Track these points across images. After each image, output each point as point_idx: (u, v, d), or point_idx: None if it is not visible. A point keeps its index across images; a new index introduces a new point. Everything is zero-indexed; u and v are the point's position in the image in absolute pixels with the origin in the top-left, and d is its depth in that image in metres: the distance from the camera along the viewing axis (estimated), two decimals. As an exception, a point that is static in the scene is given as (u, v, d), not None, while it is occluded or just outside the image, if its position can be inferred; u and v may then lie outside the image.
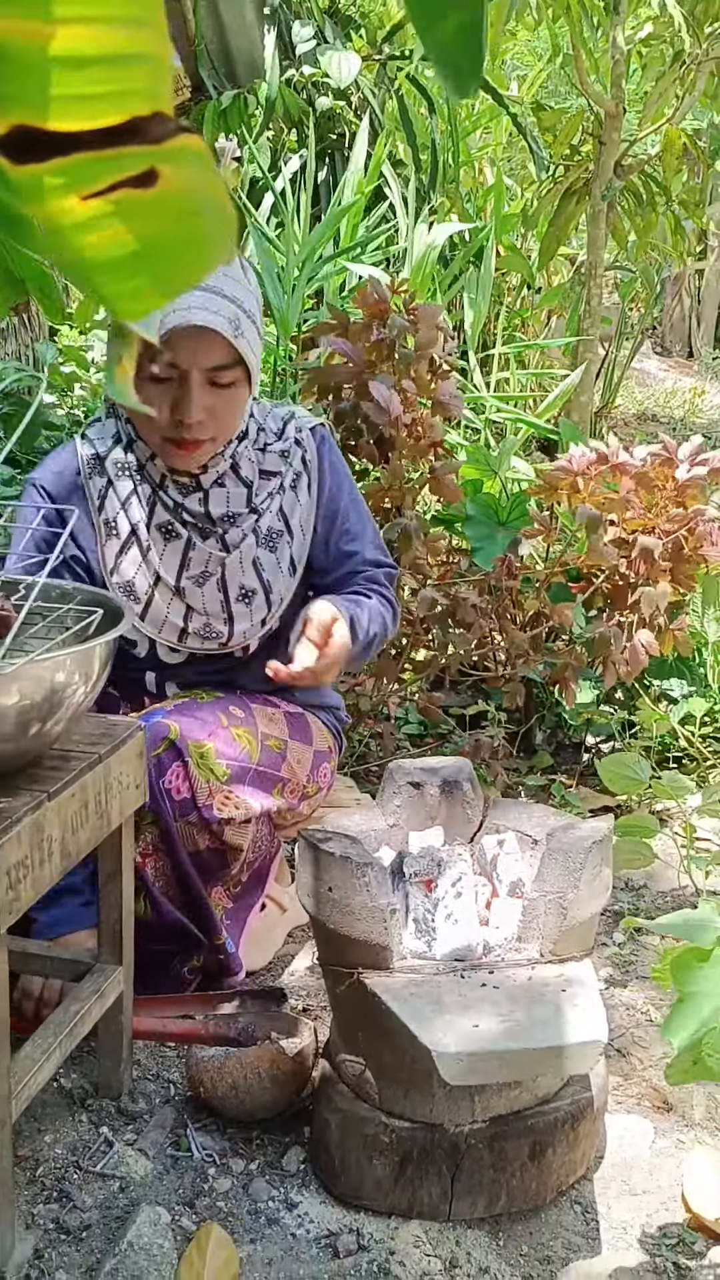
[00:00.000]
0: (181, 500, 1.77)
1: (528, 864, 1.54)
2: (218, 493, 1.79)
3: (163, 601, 1.79)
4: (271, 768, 1.78)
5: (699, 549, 2.42)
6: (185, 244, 0.51)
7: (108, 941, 1.53)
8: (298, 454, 1.85)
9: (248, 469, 1.81)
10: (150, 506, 1.78)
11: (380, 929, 1.38)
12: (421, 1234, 1.39)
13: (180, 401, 1.65)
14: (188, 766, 1.66)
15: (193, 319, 1.59)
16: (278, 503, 1.83)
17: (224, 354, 1.64)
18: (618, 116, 4.56)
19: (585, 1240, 1.41)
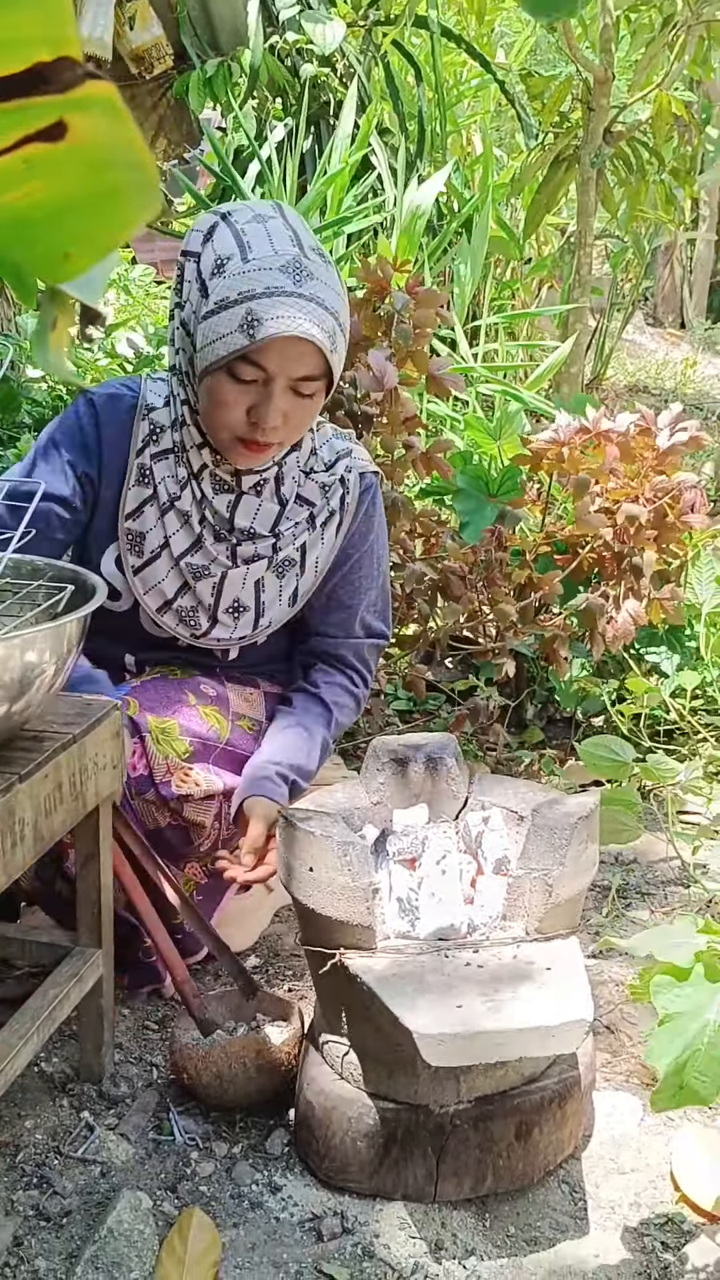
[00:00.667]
0: (211, 498, 1.71)
1: (513, 840, 1.52)
2: (249, 502, 1.71)
3: (162, 567, 1.73)
4: (244, 748, 1.75)
5: (682, 517, 2.39)
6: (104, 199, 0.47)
7: (86, 925, 1.51)
8: (338, 493, 1.78)
9: (289, 487, 1.74)
10: (181, 487, 1.71)
11: (363, 909, 1.35)
12: (406, 1216, 1.37)
13: (261, 405, 1.57)
14: (145, 743, 1.63)
15: (294, 329, 1.50)
16: (303, 538, 1.76)
17: (314, 365, 1.57)
18: (607, 82, 4.49)
19: (573, 1220, 1.39)
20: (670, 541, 2.42)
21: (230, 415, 1.59)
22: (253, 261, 1.52)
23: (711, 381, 7.17)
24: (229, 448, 1.64)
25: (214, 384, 1.58)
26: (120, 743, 1.48)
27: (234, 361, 1.55)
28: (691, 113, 4.81)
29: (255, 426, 1.59)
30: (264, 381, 1.56)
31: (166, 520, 1.71)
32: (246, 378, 1.56)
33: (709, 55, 4.89)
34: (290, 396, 1.58)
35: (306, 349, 1.54)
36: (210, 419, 1.63)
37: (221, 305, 1.53)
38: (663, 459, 2.38)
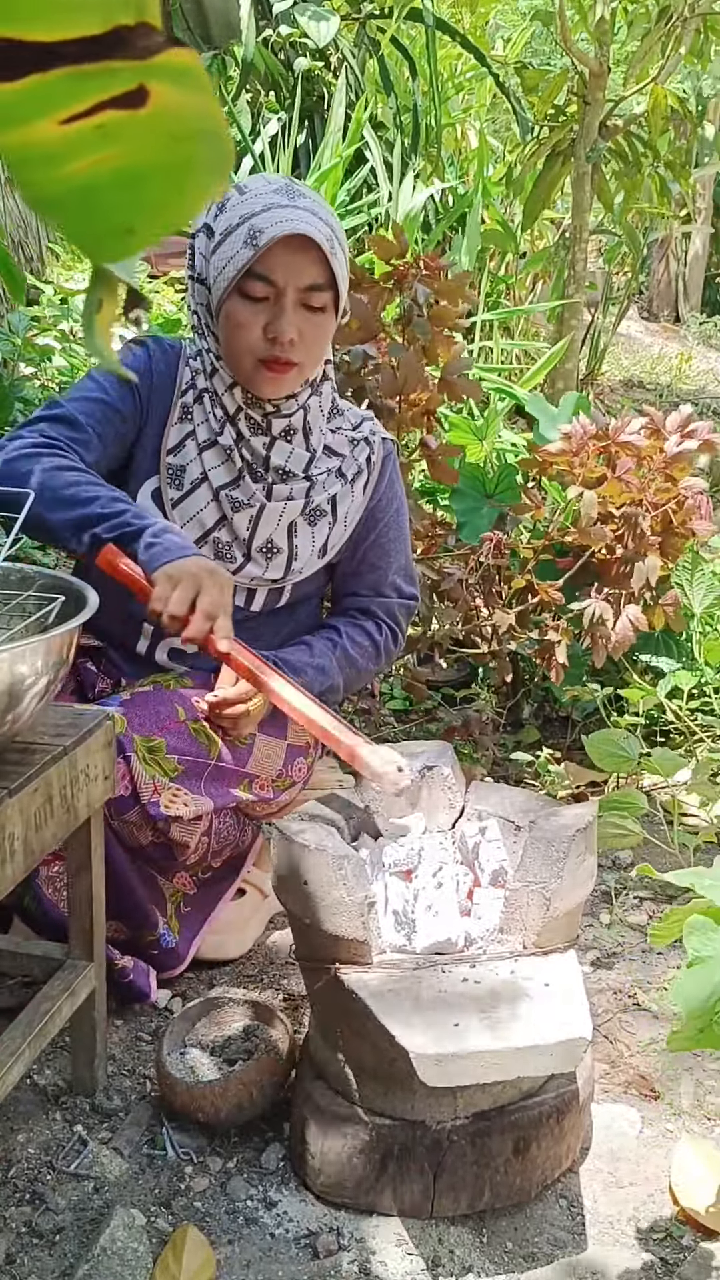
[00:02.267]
0: (249, 437, 1.77)
1: (510, 851, 1.50)
2: (282, 445, 1.79)
3: (202, 498, 1.78)
4: (235, 763, 1.73)
5: (686, 522, 2.37)
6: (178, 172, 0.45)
7: (79, 937, 1.49)
8: (364, 451, 1.87)
9: (316, 437, 1.82)
10: (221, 426, 1.77)
11: (358, 924, 1.33)
12: (403, 1232, 1.36)
13: (275, 319, 1.66)
14: (130, 762, 1.61)
15: (294, 228, 1.60)
16: (334, 489, 1.83)
17: (319, 272, 1.65)
18: (602, 76, 4.47)
19: (571, 1236, 1.38)
20: (674, 548, 2.40)
21: (249, 336, 1.67)
22: (249, 192, 1.66)
23: (707, 376, 7.15)
24: (253, 375, 1.71)
25: (230, 309, 1.68)
26: (112, 753, 1.46)
27: (244, 280, 1.64)
28: (687, 106, 4.79)
29: (274, 343, 1.66)
30: (275, 298, 1.65)
31: (206, 456, 1.78)
32: (258, 294, 1.65)
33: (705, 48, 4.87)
34: (302, 312, 1.66)
35: (308, 256, 1.63)
36: (231, 347, 1.71)
37: (226, 233, 1.65)
38: (670, 464, 2.36)
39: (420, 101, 4.97)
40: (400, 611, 1.94)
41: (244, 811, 1.81)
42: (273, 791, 1.81)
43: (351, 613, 1.92)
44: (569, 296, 4.68)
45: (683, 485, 2.36)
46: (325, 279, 1.66)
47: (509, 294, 5.44)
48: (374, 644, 1.91)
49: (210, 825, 1.73)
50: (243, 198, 1.65)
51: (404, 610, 1.95)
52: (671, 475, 2.36)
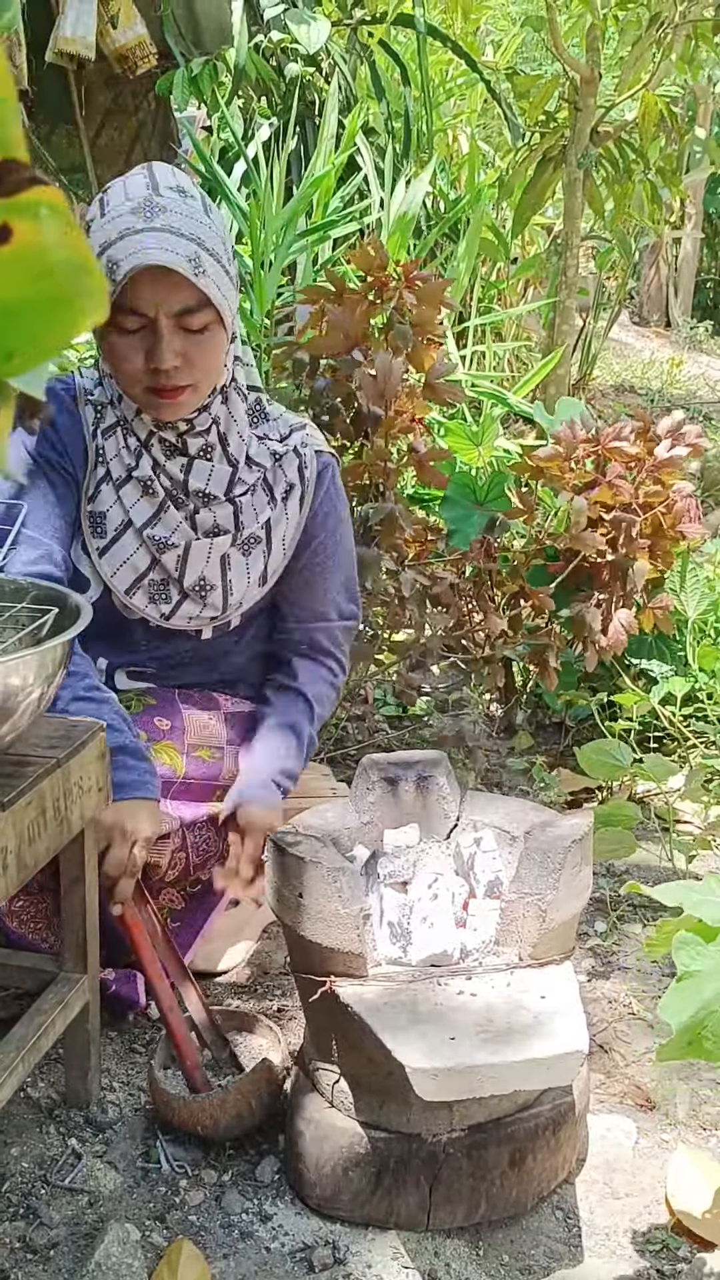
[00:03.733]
0: (164, 463, 1.70)
1: (506, 862, 1.50)
2: (201, 466, 1.70)
3: (129, 544, 1.70)
4: (205, 777, 1.73)
5: (676, 526, 2.37)
6: (46, 306, 0.46)
7: (72, 950, 1.48)
8: (294, 463, 1.77)
9: (235, 445, 1.72)
10: (136, 458, 1.70)
11: (353, 937, 1.33)
12: (400, 1245, 1.35)
13: (153, 349, 1.57)
14: None
15: (146, 259, 1.50)
16: (265, 514, 1.75)
17: (188, 295, 1.55)
18: (593, 82, 4.47)
19: (567, 1248, 1.37)
20: (664, 550, 2.40)
21: (131, 368, 1.59)
22: (108, 214, 1.55)
23: (698, 381, 7.17)
24: (146, 402, 1.64)
25: (109, 345, 1.60)
26: (105, 765, 1.45)
27: (114, 315, 1.55)
28: (676, 113, 4.79)
29: (156, 372, 1.59)
30: (150, 325, 1.57)
31: (124, 493, 1.70)
32: (130, 326, 1.57)
33: (696, 54, 4.88)
34: (181, 335, 1.58)
35: (172, 280, 1.53)
36: (119, 379, 1.64)
37: None
38: (660, 468, 2.36)
39: (412, 107, 4.97)
40: (343, 635, 1.90)
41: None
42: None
43: (298, 651, 1.86)
44: (560, 302, 4.68)
45: (672, 489, 2.36)
46: (197, 300, 1.56)
47: (501, 299, 5.44)
48: (333, 690, 1.90)
49: (185, 841, 1.73)
50: (103, 220, 1.55)
51: (346, 633, 1.90)
52: (661, 479, 2.36)
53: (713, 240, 9.88)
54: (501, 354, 4.74)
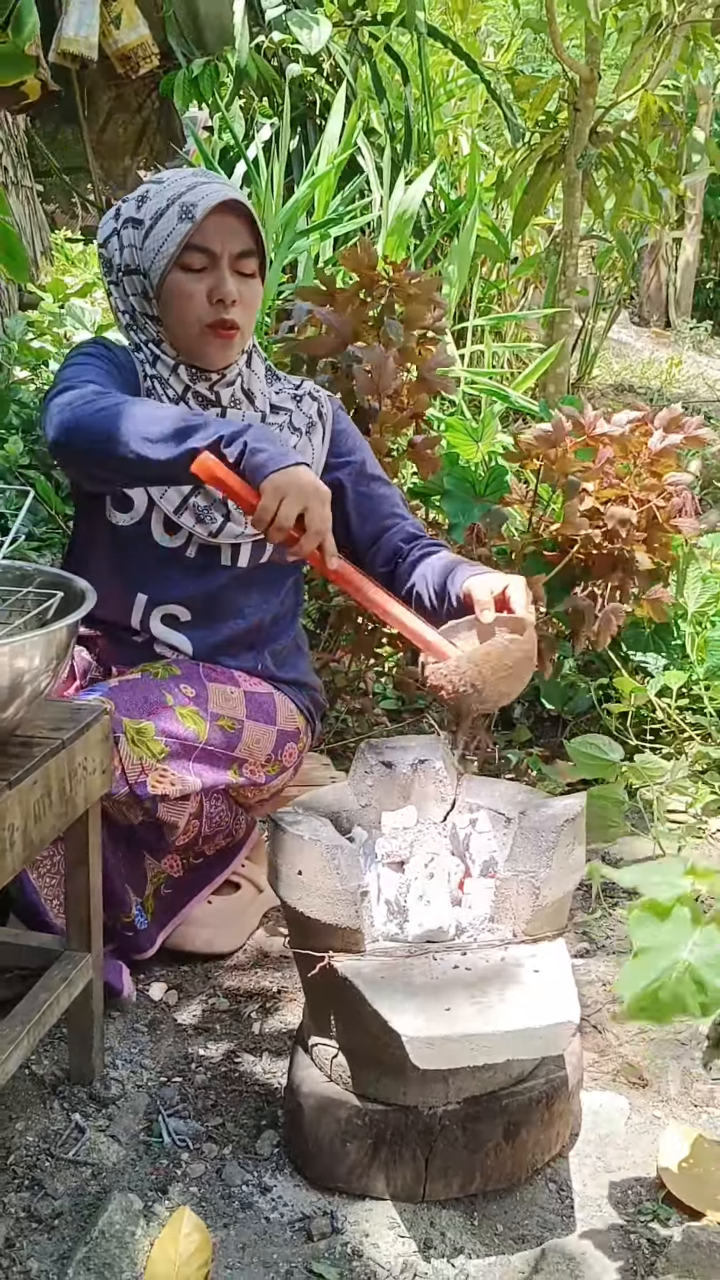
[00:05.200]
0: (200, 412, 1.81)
1: (500, 842, 1.53)
2: (234, 414, 1.86)
3: None
4: (224, 747, 1.76)
5: (672, 519, 2.40)
6: None
7: (76, 929, 1.51)
8: (312, 406, 1.94)
9: (260, 400, 1.89)
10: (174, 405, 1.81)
11: (351, 913, 1.36)
12: (396, 1216, 1.39)
13: (219, 284, 1.76)
14: (118, 744, 1.64)
15: (224, 195, 1.74)
16: (291, 442, 1.89)
17: (248, 238, 1.78)
18: (593, 82, 4.51)
19: (560, 1218, 1.40)
20: (659, 543, 2.43)
21: (195, 304, 1.77)
22: (166, 181, 1.79)
23: (697, 381, 7.20)
24: (200, 343, 1.80)
25: (172, 283, 1.77)
26: (109, 746, 1.49)
27: (183, 254, 1.75)
28: (677, 112, 4.83)
29: (220, 304, 1.77)
30: (212, 266, 1.77)
31: None
32: (197, 265, 1.76)
33: (695, 54, 4.91)
34: (237, 278, 1.78)
35: (238, 223, 1.77)
36: (179, 318, 1.79)
37: (156, 216, 1.76)
38: (656, 459, 2.38)
39: (412, 108, 5.00)
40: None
41: (235, 798, 1.84)
42: (264, 775, 1.84)
43: (409, 543, 1.92)
44: (560, 301, 4.71)
45: (667, 480, 2.39)
46: (253, 244, 1.79)
47: (500, 299, 5.48)
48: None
49: (201, 808, 1.77)
50: (163, 186, 1.78)
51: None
52: (656, 471, 2.39)
53: (712, 241, 9.91)
54: (501, 353, 4.77)
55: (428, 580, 1.80)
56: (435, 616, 1.75)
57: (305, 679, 2.02)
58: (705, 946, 1.14)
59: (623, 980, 1.18)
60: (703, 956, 1.14)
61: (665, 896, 1.15)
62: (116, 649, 1.88)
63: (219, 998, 1.80)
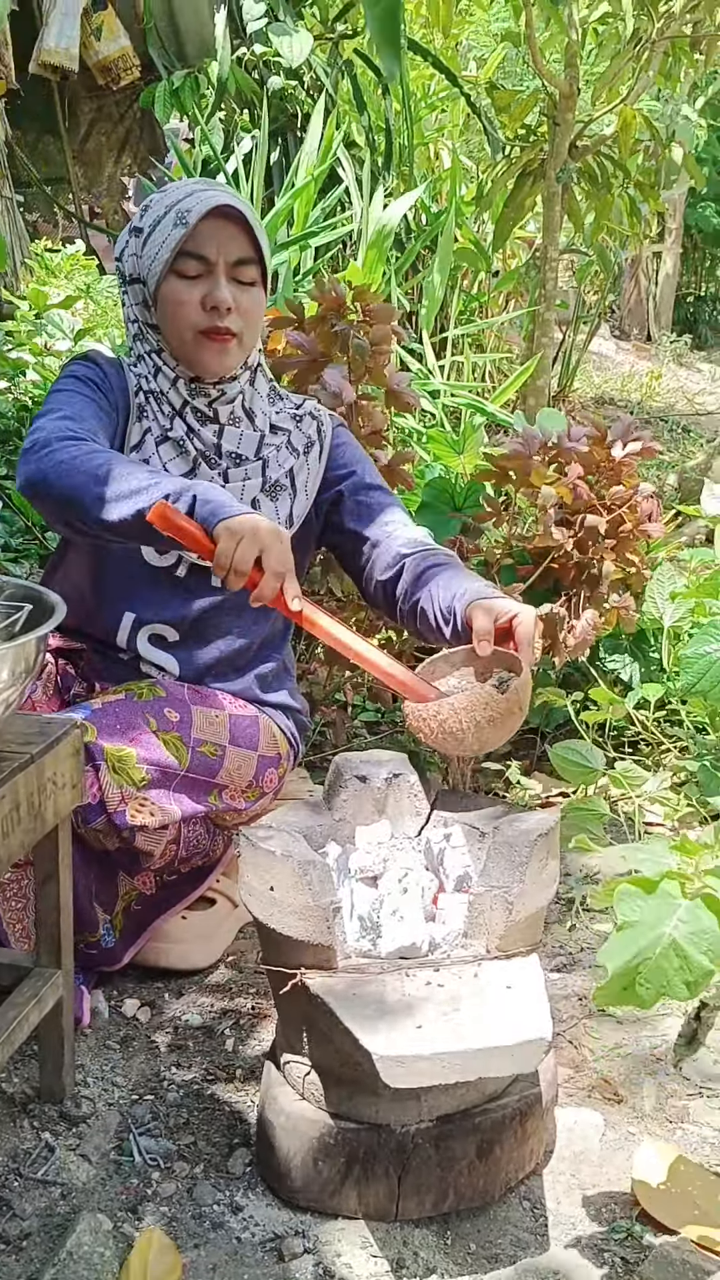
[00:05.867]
0: (198, 428, 1.83)
1: (474, 857, 1.52)
2: (231, 431, 1.86)
3: None
4: (205, 774, 1.75)
5: (640, 526, 2.41)
6: None
7: (46, 945, 1.50)
8: (312, 425, 1.94)
9: (261, 419, 1.89)
10: (170, 421, 1.83)
11: (323, 929, 1.35)
12: (368, 1235, 1.37)
13: (212, 290, 1.75)
14: (99, 771, 1.63)
15: (218, 201, 1.73)
16: (289, 464, 1.89)
17: (246, 245, 1.77)
18: (572, 97, 4.53)
19: (534, 1237, 1.39)
20: (629, 550, 2.44)
21: (188, 310, 1.76)
22: (169, 190, 1.80)
23: (677, 394, 7.23)
24: (195, 351, 1.79)
25: (166, 291, 1.77)
26: (79, 761, 1.47)
27: (178, 261, 1.74)
28: (656, 127, 4.86)
29: (214, 311, 1.75)
30: (208, 273, 1.76)
31: (161, 450, 1.82)
32: (191, 272, 1.76)
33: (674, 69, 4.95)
34: (234, 286, 1.77)
35: (235, 230, 1.75)
36: (173, 325, 1.78)
37: (154, 223, 1.76)
38: (618, 469, 2.40)
39: (393, 121, 5.02)
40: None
41: (215, 821, 1.82)
42: (244, 801, 1.82)
43: (420, 547, 1.85)
44: (540, 314, 4.73)
45: (633, 489, 2.41)
46: (252, 252, 1.77)
47: (482, 312, 5.49)
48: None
49: (179, 834, 1.75)
50: (163, 194, 1.79)
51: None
52: (619, 480, 2.41)
53: (692, 255, 9.98)
54: (481, 365, 4.78)
55: (435, 597, 1.73)
56: (441, 637, 1.73)
57: (291, 702, 2.00)
58: (690, 922, 1.14)
59: (607, 950, 1.18)
60: (687, 932, 1.14)
61: (651, 870, 1.16)
62: (101, 665, 1.87)
63: (192, 1014, 1.79)
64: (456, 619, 1.66)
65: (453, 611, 1.68)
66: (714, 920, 1.18)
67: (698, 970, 1.17)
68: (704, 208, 9.33)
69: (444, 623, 1.70)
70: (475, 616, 1.61)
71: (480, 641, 1.60)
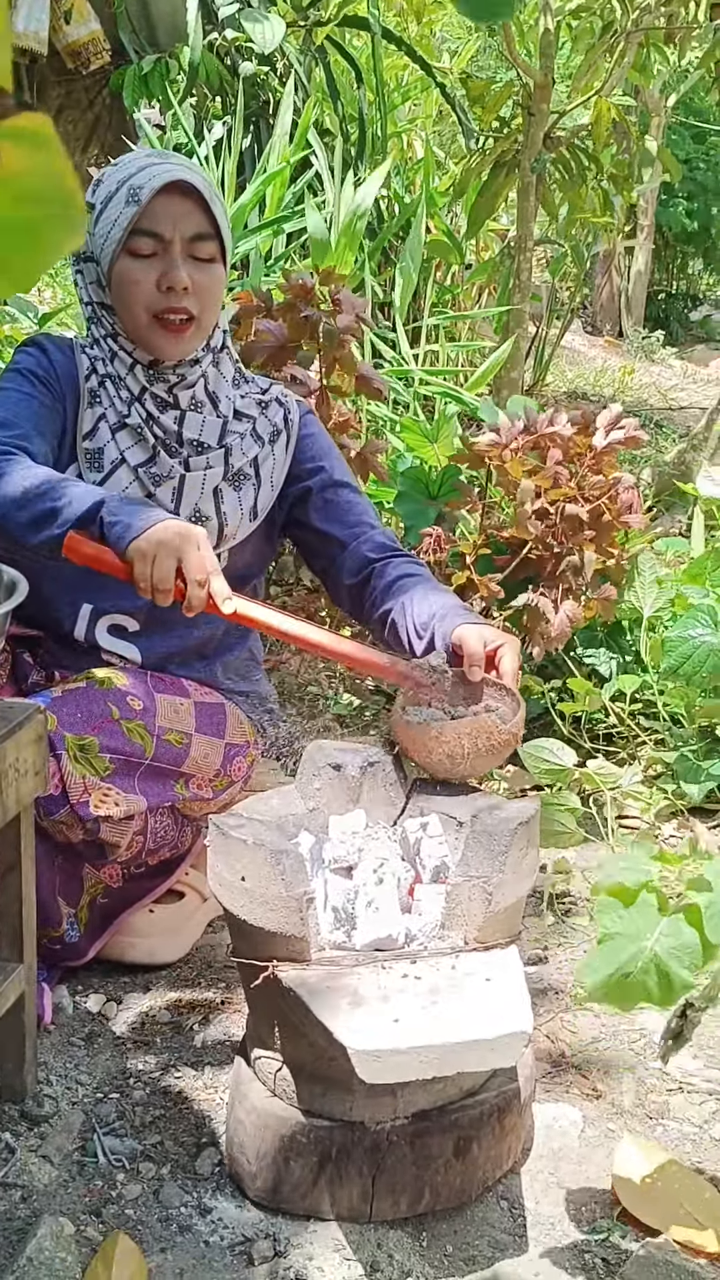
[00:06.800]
0: (158, 415, 1.76)
1: (452, 847, 1.48)
2: (193, 417, 1.79)
3: (124, 478, 1.76)
4: (171, 762, 1.69)
5: (620, 516, 2.38)
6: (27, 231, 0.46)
7: (7, 938, 1.44)
8: (279, 412, 1.87)
9: (224, 404, 1.82)
10: (127, 407, 1.76)
11: (296, 920, 1.30)
12: (341, 1237, 1.33)
13: (168, 270, 1.68)
14: (60, 761, 1.57)
15: (171, 176, 1.65)
16: (253, 452, 1.83)
17: (202, 220, 1.70)
18: (547, 88, 4.49)
19: (512, 1238, 1.35)
20: (608, 541, 2.41)
21: (141, 290, 1.69)
22: (121, 162, 1.73)
23: (649, 389, 7.23)
24: (149, 333, 1.72)
25: (120, 271, 1.70)
26: (43, 748, 1.42)
27: (131, 239, 1.67)
28: (629, 119, 4.83)
29: (169, 293, 1.68)
30: (163, 251, 1.69)
31: (119, 437, 1.76)
32: (145, 251, 1.69)
33: (648, 62, 4.93)
34: (191, 264, 1.70)
35: (189, 204, 1.68)
36: (125, 306, 1.71)
37: (106, 200, 1.69)
38: (599, 458, 2.37)
39: (366, 110, 4.97)
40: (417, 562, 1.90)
41: (182, 811, 1.77)
42: (211, 791, 1.77)
43: (379, 555, 1.83)
44: (514, 305, 4.69)
45: (613, 478, 2.38)
46: (209, 228, 1.71)
47: (455, 304, 5.45)
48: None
49: (146, 824, 1.70)
50: (116, 168, 1.72)
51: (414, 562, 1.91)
52: (601, 470, 2.37)
53: (664, 252, 9.99)
54: (454, 354, 4.74)
55: (408, 610, 1.71)
56: (410, 650, 1.71)
57: (258, 689, 1.96)
58: (671, 937, 1.11)
59: (587, 966, 1.15)
60: (668, 947, 1.12)
61: (631, 881, 1.13)
62: (60, 653, 1.81)
63: (159, 1009, 1.73)
64: (433, 637, 1.66)
65: (428, 629, 1.67)
66: (695, 933, 1.16)
67: (678, 983, 1.15)
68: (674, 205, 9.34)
69: (416, 637, 1.69)
70: (466, 641, 1.60)
71: (472, 667, 1.59)
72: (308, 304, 2.46)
